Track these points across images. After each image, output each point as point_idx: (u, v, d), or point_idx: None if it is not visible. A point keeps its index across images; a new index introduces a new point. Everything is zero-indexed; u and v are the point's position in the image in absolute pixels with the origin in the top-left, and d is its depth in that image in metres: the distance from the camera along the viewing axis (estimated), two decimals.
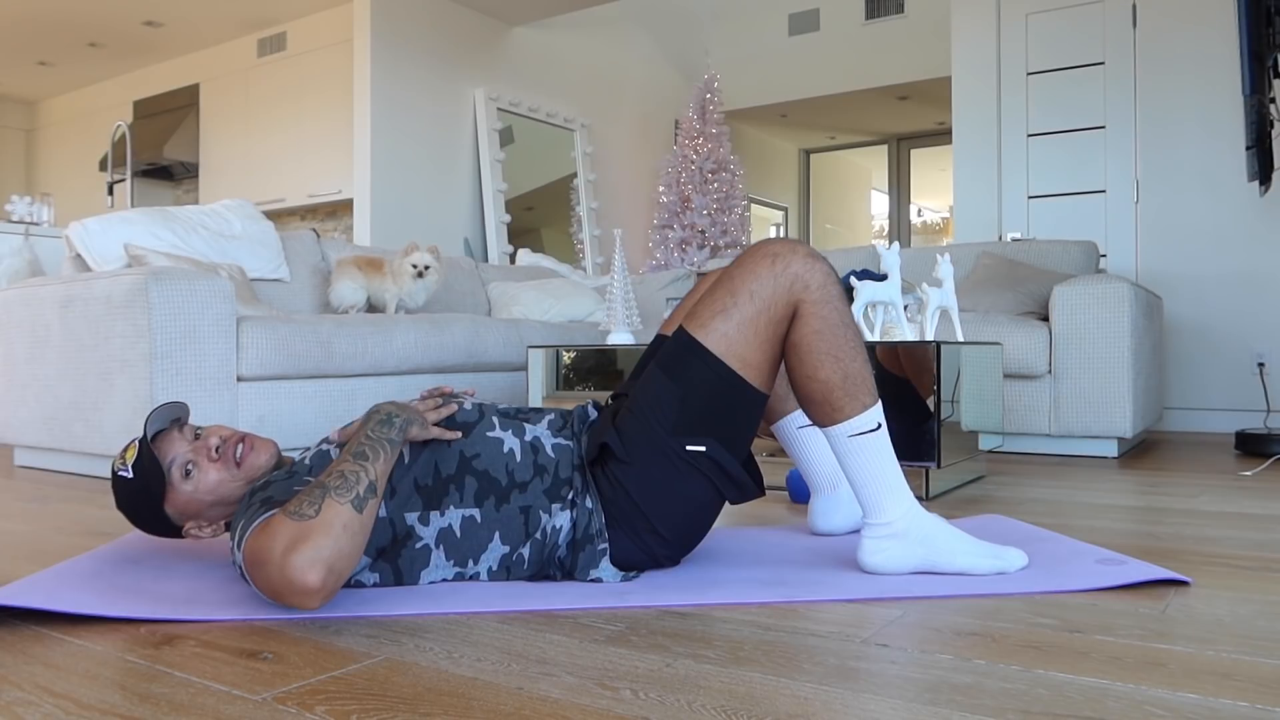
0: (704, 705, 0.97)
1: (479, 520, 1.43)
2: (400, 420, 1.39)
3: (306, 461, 1.47)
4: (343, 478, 1.27)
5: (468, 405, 1.52)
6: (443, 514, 1.42)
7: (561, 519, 1.45)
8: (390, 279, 3.64)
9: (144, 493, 1.46)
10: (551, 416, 1.55)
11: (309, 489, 1.27)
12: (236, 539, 1.33)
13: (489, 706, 0.97)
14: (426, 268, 3.62)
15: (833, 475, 1.82)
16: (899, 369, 2.34)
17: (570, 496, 1.45)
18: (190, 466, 1.46)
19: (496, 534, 1.43)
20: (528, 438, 1.48)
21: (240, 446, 1.48)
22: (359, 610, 1.31)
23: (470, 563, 1.44)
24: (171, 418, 1.52)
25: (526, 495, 1.44)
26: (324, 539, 1.21)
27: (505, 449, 1.46)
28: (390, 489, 1.42)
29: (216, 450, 1.47)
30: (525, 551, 1.45)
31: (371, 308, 3.70)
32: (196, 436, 1.50)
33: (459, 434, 1.46)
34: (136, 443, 1.47)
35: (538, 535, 1.44)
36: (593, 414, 1.59)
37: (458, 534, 1.42)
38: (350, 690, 1.02)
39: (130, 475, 1.46)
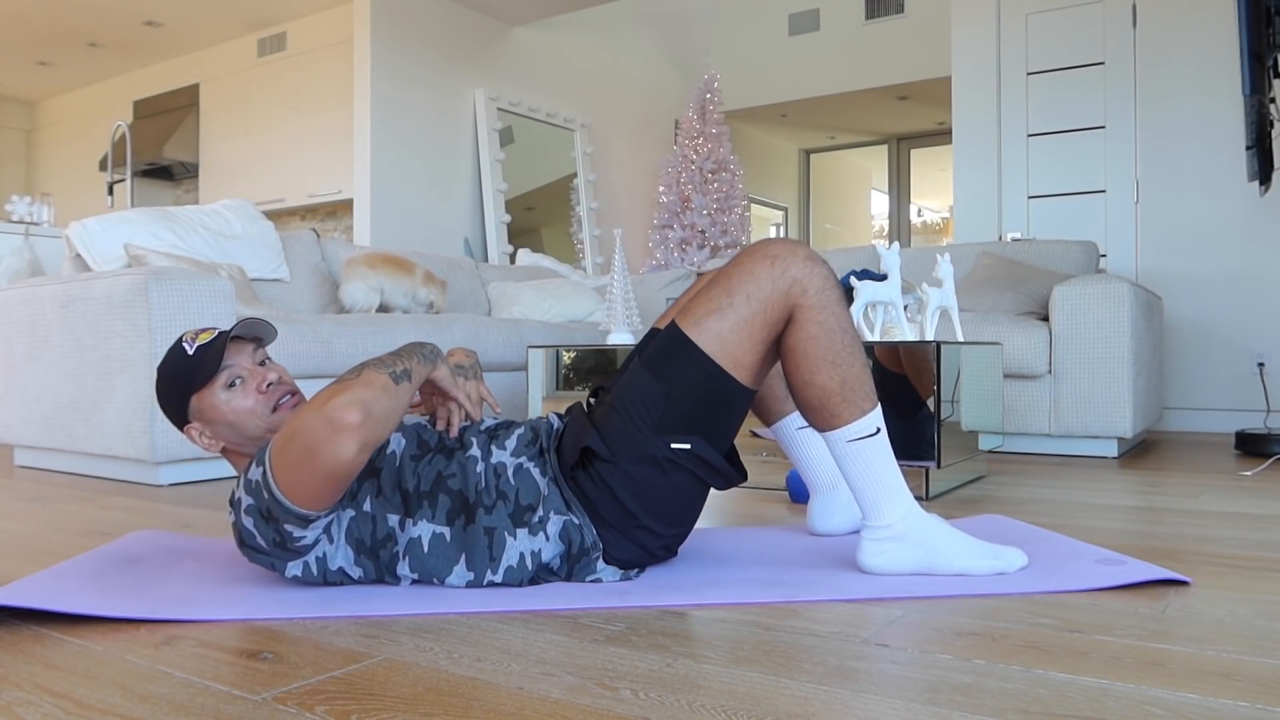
0: (704, 705, 0.97)
1: (448, 539, 1.42)
2: (431, 348, 1.50)
3: None
4: (380, 360, 1.38)
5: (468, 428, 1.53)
6: (415, 524, 1.42)
7: (536, 543, 1.43)
8: (409, 279, 3.71)
9: (188, 373, 1.45)
10: (521, 431, 1.53)
11: (348, 371, 1.36)
12: (254, 465, 1.35)
13: (489, 706, 0.97)
14: (431, 304, 3.90)
15: (832, 476, 1.81)
16: (899, 366, 2.34)
17: (534, 521, 1.43)
18: (237, 381, 1.45)
19: (462, 557, 1.42)
20: (494, 461, 1.47)
21: (288, 398, 1.48)
22: (359, 610, 1.31)
23: (434, 581, 1.43)
24: (256, 333, 1.52)
25: (492, 517, 1.43)
26: (363, 389, 1.30)
27: (477, 470, 1.46)
28: (376, 486, 1.42)
29: (268, 385, 1.46)
30: (496, 579, 1.43)
31: (382, 307, 3.70)
32: (263, 363, 1.50)
33: (496, 410, 1.60)
34: (217, 332, 1.48)
35: (512, 564, 1.42)
36: (556, 423, 1.56)
37: (425, 549, 1.42)
38: (350, 690, 1.02)
39: (191, 353, 1.46)
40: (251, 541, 1.37)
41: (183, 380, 1.44)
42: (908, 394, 2.31)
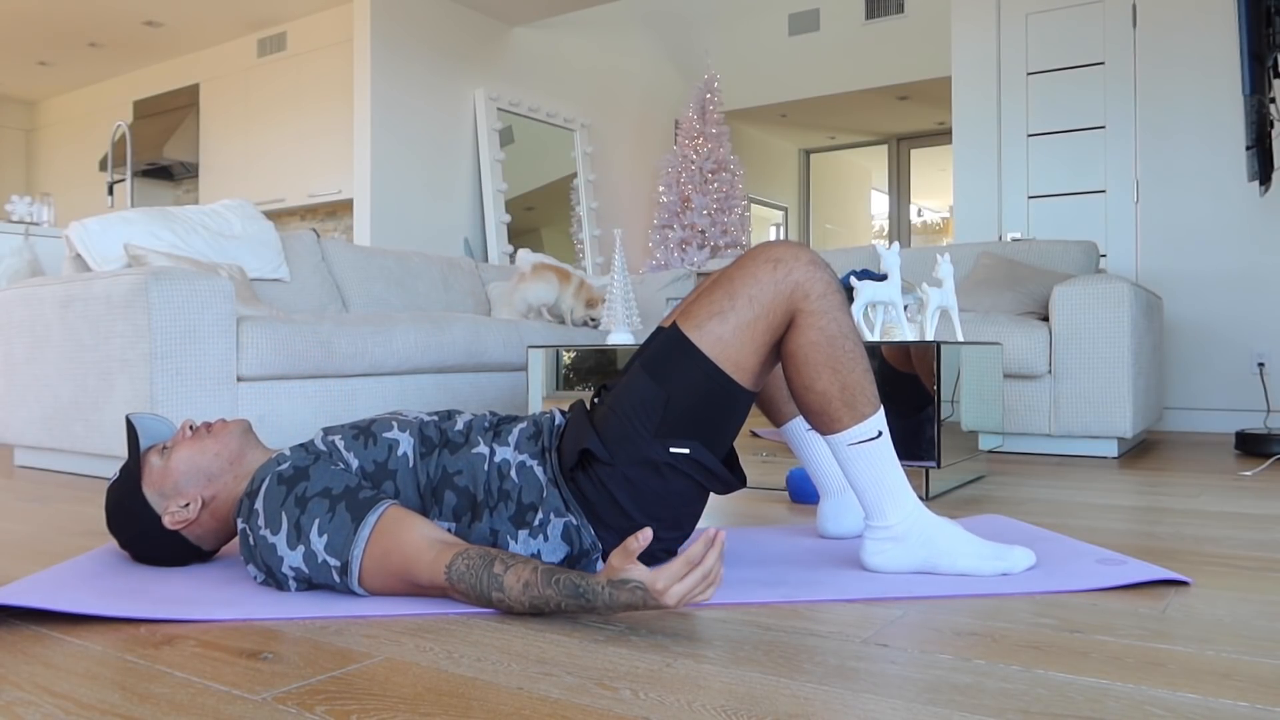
0: (704, 705, 0.97)
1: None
2: (594, 601, 1.21)
3: (339, 444, 1.47)
4: (476, 582, 1.28)
5: (459, 425, 1.52)
6: None
7: (536, 545, 1.43)
8: (573, 294, 4.11)
9: (125, 482, 1.51)
10: (523, 425, 1.53)
11: (476, 563, 1.27)
12: (290, 537, 1.36)
13: (489, 706, 0.97)
14: (594, 319, 4.24)
15: (841, 478, 1.80)
16: (909, 365, 2.34)
17: (535, 523, 1.43)
18: (165, 447, 1.53)
19: None
20: (497, 459, 1.47)
21: (209, 425, 1.55)
22: (359, 610, 1.31)
23: None
24: (151, 444, 1.58)
25: (495, 519, 1.43)
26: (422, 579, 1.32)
27: (485, 467, 1.46)
28: (395, 489, 1.44)
29: (189, 429, 1.54)
30: None
31: (550, 310, 4.17)
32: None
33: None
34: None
35: None
36: (559, 419, 1.56)
37: None
38: (350, 690, 1.02)
39: (119, 473, 1.54)
40: (284, 581, 1.39)
41: (129, 493, 1.51)
42: (917, 393, 2.31)
